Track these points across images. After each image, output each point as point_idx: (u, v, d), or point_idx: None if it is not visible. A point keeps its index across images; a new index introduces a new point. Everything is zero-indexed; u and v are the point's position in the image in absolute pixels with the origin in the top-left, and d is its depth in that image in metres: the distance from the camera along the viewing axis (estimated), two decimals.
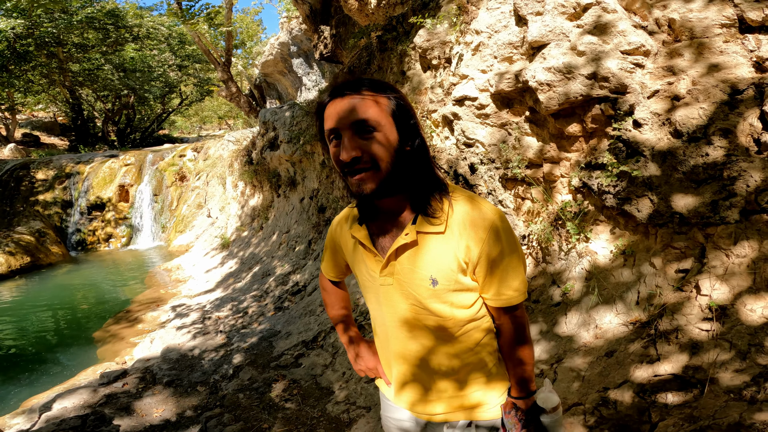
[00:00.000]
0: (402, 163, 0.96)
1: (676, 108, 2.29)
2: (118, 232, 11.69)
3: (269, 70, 15.96)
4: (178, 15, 11.21)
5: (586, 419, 1.94)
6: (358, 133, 0.92)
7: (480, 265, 1.00)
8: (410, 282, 1.02)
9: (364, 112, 0.91)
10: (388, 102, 0.95)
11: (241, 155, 9.81)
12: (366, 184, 0.93)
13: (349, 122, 0.92)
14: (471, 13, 3.19)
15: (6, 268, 9.19)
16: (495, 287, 1.02)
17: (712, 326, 1.90)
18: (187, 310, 6.27)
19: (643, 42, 2.42)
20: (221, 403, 3.34)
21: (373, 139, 0.92)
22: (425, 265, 1.00)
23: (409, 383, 1.13)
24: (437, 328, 1.05)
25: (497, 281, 1.01)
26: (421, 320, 1.05)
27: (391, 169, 0.94)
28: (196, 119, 30.21)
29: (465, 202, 1.01)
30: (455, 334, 1.05)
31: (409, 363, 1.10)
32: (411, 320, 1.05)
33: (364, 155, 0.92)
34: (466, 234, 0.98)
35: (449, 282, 0.99)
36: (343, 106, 0.92)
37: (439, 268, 0.99)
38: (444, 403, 1.11)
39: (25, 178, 11.63)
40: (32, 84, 15.91)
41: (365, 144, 0.92)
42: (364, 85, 0.95)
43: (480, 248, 0.98)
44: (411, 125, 0.98)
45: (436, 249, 0.99)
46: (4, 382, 5.11)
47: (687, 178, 2.20)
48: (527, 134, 3.01)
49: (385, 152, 0.93)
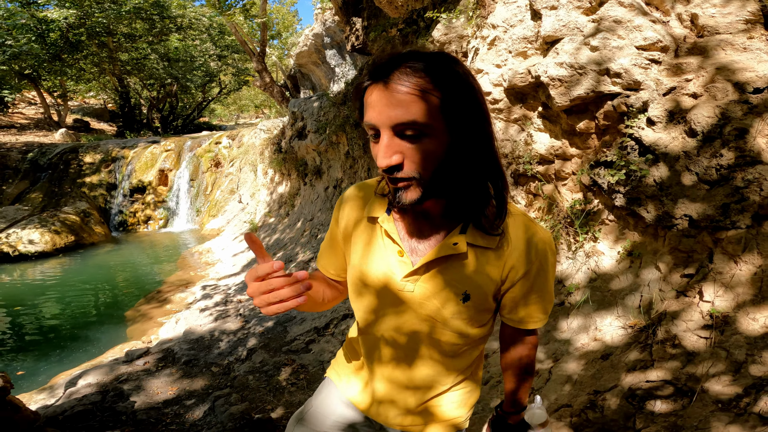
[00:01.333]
0: (454, 171, 0.79)
1: (691, 106, 2.20)
2: (156, 215, 12.31)
3: (303, 61, 16.19)
4: (216, 6, 11.57)
5: (571, 421, 1.93)
6: (400, 135, 0.74)
7: (519, 287, 0.91)
8: (438, 294, 0.89)
9: (408, 112, 0.72)
10: (442, 94, 0.73)
11: (271, 144, 10.07)
12: (406, 194, 0.78)
13: (390, 121, 0.73)
14: (488, 7, 3.15)
15: (51, 246, 9.69)
16: (528, 310, 0.94)
17: (711, 334, 1.84)
18: (213, 292, 6.54)
19: (660, 38, 2.33)
20: (231, 384, 3.47)
21: (418, 145, 0.74)
22: (464, 279, 0.88)
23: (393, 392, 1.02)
24: (446, 344, 0.94)
25: (532, 304, 0.94)
26: (432, 334, 0.93)
27: (435, 180, 0.78)
28: (234, 108, 31.11)
29: (521, 220, 0.90)
30: (460, 350, 0.97)
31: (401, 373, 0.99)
32: (421, 332, 0.93)
33: (405, 163, 0.75)
34: (517, 254, 0.87)
35: (481, 301, 0.90)
36: (385, 98, 0.73)
37: (477, 285, 0.88)
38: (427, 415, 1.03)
39: (74, 161, 12.40)
40: (83, 72, 16.85)
41: (408, 149, 0.75)
42: (416, 69, 0.73)
43: (527, 269, 0.88)
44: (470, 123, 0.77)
45: (482, 265, 0.87)
46: (35, 358, 5.28)
47: (699, 179, 2.11)
48: (540, 130, 2.96)
49: (431, 162, 0.76)
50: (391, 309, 0.93)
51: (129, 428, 2.92)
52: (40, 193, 11.63)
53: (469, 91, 0.76)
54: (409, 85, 0.72)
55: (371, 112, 0.75)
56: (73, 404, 3.26)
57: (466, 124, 0.76)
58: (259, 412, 3.00)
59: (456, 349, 0.96)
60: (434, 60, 0.75)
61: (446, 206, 0.86)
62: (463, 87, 0.75)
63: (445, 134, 0.75)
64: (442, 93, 0.73)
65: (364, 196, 0.98)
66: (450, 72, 0.74)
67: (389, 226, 0.90)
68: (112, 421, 3.02)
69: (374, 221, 0.93)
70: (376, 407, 1.05)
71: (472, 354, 1.00)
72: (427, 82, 0.72)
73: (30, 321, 6.63)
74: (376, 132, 0.76)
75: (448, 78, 0.74)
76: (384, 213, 0.92)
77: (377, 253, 0.93)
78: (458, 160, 0.78)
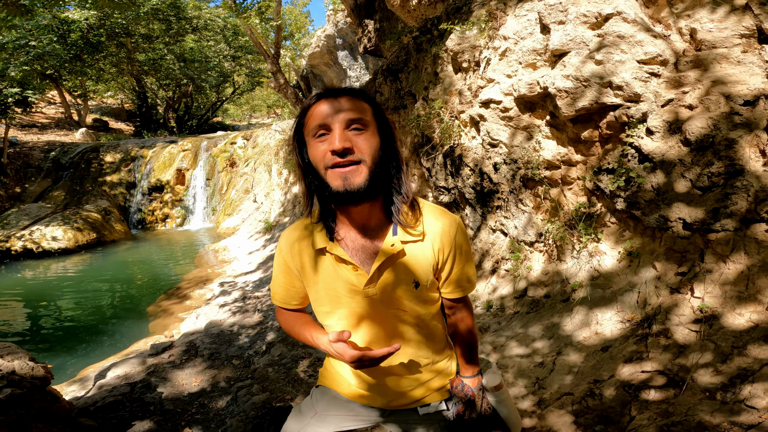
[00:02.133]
0: (381, 167, 1.01)
1: (687, 117, 2.37)
2: (174, 213, 12.66)
3: (316, 62, 16.46)
4: (232, 8, 11.87)
5: (573, 407, 2.11)
6: (348, 129, 0.96)
7: (448, 263, 1.11)
8: (395, 288, 1.08)
9: (357, 111, 0.97)
10: (372, 109, 1.02)
11: (286, 144, 10.32)
12: (355, 177, 0.95)
13: (342, 117, 0.96)
14: (500, 19, 3.33)
15: (73, 243, 10.03)
16: (456, 282, 1.14)
17: (701, 328, 2.01)
18: (230, 288, 6.73)
19: (660, 52, 2.50)
20: (252, 376, 3.63)
21: (362, 135, 0.97)
22: (408, 270, 1.07)
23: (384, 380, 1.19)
24: (415, 326, 1.14)
25: (460, 275, 1.14)
26: (401, 321, 1.13)
27: (375, 167, 0.99)
28: (246, 108, 31.54)
29: (432, 210, 1.11)
30: (428, 328, 1.16)
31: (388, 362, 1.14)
32: (392, 324, 1.13)
33: (354, 149, 0.95)
34: (439, 238, 1.08)
35: (427, 282, 1.10)
36: (336, 104, 0.97)
37: (420, 271, 1.08)
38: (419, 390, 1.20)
39: (95, 160, 12.80)
40: (103, 72, 17.30)
41: (355, 139, 0.96)
42: (352, 93, 1.02)
43: (450, 248, 1.10)
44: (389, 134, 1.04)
45: (417, 255, 1.07)
46: (62, 352, 5.44)
47: (693, 185, 2.28)
48: (547, 137, 3.14)
49: (372, 150, 0.98)
50: (363, 312, 1.10)
51: (157, 417, 3.08)
52: (62, 191, 12.02)
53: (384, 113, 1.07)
54: (353, 97, 1.00)
55: (321, 115, 0.97)
56: (103, 395, 3.40)
57: (387, 132, 1.03)
58: (279, 401, 3.15)
59: (425, 328, 1.15)
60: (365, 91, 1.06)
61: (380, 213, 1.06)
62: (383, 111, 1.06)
63: (377, 135, 1.00)
64: (373, 107, 1.03)
65: (300, 235, 1.14)
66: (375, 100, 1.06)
67: (338, 251, 1.06)
68: (141, 411, 3.18)
69: (323, 252, 1.09)
70: (374, 395, 1.21)
71: (438, 327, 1.19)
72: (364, 99, 1.02)
73: (55, 316, 6.87)
74: (327, 128, 0.96)
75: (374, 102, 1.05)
76: (329, 242, 1.07)
77: (336, 275, 1.08)
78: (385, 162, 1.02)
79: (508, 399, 1.21)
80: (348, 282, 1.07)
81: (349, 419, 1.26)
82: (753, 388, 1.68)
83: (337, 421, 1.25)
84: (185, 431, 2.92)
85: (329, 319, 1.16)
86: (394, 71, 5.19)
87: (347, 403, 1.25)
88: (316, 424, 1.25)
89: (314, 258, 1.11)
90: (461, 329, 1.22)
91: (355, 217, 1.05)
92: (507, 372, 2.61)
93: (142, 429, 2.95)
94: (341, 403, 1.26)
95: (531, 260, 3.29)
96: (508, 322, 3.07)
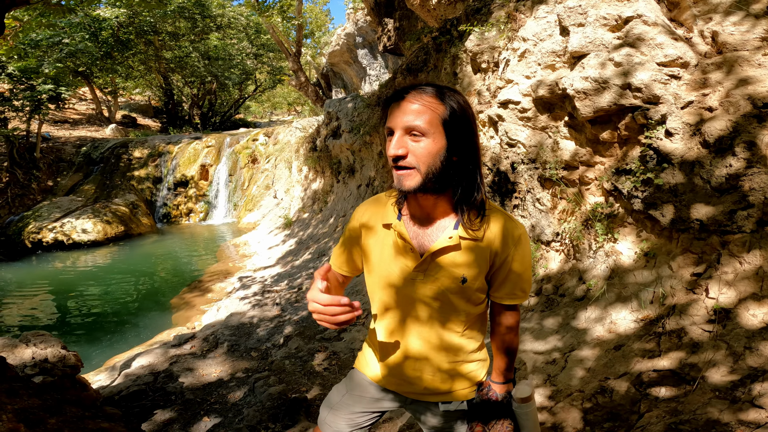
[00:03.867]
0: (446, 169, 1.04)
1: (707, 119, 2.38)
2: (197, 208, 13.02)
3: (335, 60, 16.61)
4: (255, 6, 12.11)
5: (582, 404, 2.17)
6: (408, 134, 1.02)
7: (503, 269, 1.14)
8: (442, 279, 1.12)
9: (416, 119, 1.00)
10: (443, 111, 1.01)
11: (306, 142, 10.49)
12: (406, 180, 1.02)
13: (402, 124, 1.01)
14: (519, 21, 3.37)
15: (102, 236, 10.40)
16: (510, 288, 1.16)
17: (714, 327, 2.04)
18: (250, 282, 6.90)
19: (680, 54, 2.51)
20: (269, 368, 3.71)
21: (419, 143, 1.01)
22: (460, 265, 1.11)
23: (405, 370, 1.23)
24: (452, 320, 1.17)
25: (512, 284, 1.16)
26: (442, 311, 1.16)
27: (431, 173, 1.03)
28: (267, 105, 32.01)
29: (498, 215, 1.14)
30: (464, 325, 1.19)
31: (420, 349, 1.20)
32: (429, 313, 1.17)
33: (408, 156, 1.01)
34: (499, 243, 1.11)
35: (475, 281, 1.12)
36: (402, 109, 1.01)
37: (470, 269, 1.11)
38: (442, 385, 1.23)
39: (124, 156, 13.25)
40: (132, 70, 17.85)
41: (411, 146, 1.01)
42: (426, 92, 1.02)
43: (508, 255, 1.12)
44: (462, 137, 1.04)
45: (472, 253, 1.11)
46: (89, 341, 5.64)
47: (711, 186, 2.30)
48: (565, 138, 3.17)
49: (428, 157, 1.01)
50: (409, 293, 1.15)
51: (178, 407, 3.18)
52: (92, 185, 12.49)
53: (463, 113, 1.04)
54: (418, 100, 1.01)
55: (390, 119, 1.04)
56: (128, 384, 3.53)
57: (459, 135, 1.03)
58: (295, 393, 3.23)
59: (464, 323, 1.18)
60: (445, 88, 1.05)
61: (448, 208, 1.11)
62: (459, 108, 1.03)
63: (442, 140, 1.02)
64: (444, 110, 1.01)
65: (376, 208, 1.23)
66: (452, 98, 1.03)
67: (401, 229, 1.14)
68: (163, 400, 3.29)
69: (389, 227, 1.17)
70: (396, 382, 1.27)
71: (477, 327, 1.21)
72: (436, 100, 1.02)
73: (83, 306, 7.14)
74: (391, 132, 1.04)
75: (452, 100, 1.03)
76: (396, 219, 1.16)
77: (394, 251, 1.16)
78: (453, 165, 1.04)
79: (533, 413, 1.20)
80: (402, 261, 1.15)
81: (371, 403, 1.33)
82: (763, 387, 1.71)
83: (361, 402, 1.34)
84: (204, 420, 3.02)
85: (376, 294, 1.23)
86: (413, 70, 5.27)
87: (370, 385, 1.33)
88: (345, 402, 1.36)
89: (379, 231, 1.19)
90: (504, 336, 1.24)
91: (422, 204, 1.12)
92: (520, 368, 2.67)
93: (163, 418, 3.05)
94: (365, 385, 1.34)
95: (547, 259, 3.33)
96: (524, 318, 3.13)
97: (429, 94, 1.02)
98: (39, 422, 1.77)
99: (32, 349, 2.79)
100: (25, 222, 10.64)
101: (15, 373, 2.09)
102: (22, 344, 2.84)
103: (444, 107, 1.01)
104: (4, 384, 1.91)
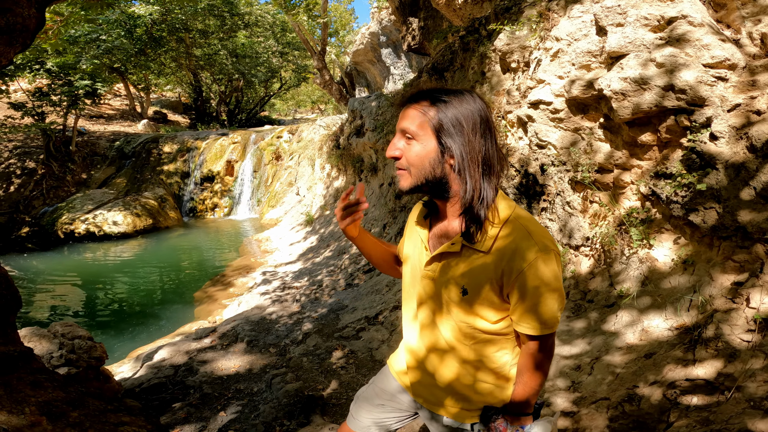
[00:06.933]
0: (443, 174, 1.05)
1: (754, 122, 2.27)
2: (222, 203, 13.28)
3: (359, 59, 16.64)
4: (281, 5, 12.26)
5: (608, 412, 2.10)
6: (404, 138, 1.06)
7: (514, 292, 1.04)
8: (444, 281, 1.11)
9: (409, 123, 1.04)
10: (433, 116, 1.02)
11: (330, 140, 10.55)
12: (400, 180, 1.08)
13: (399, 128, 1.07)
14: (552, 20, 3.29)
15: (132, 228, 10.71)
16: (518, 314, 1.06)
17: (753, 337, 1.95)
18: (271, 278, 6.98)
19: (728, 56, 2.40)
20: (287, 364, 3.70)
21: (410, 146, 1.05)
22: (461, 274, 1.07)
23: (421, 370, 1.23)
24: (458, 330, 1.13)
25: (521, 311, 1.05)
26: (444, 319, 1.15)
27: (423, 176, 1.05)
28: (292, 103, 32.38)
29: (515, 230, 1.03)
30: (473, 340, 1.12)
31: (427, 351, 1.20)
32: (435, 316, 1.16)
33: (402, 158, 1.06)
34: (506, 261, 1.02)
35: (477, 295, 1.06)
36: (403, 112, 1.07)
37: (472, 280, 1.06)
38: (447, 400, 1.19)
39: (154, 150, 13.63)
40: (164, 67, 18.35)
41: (405, 148, 1.06)
42: (424, 97, 1.04)
43: (516, 278, 1.01)
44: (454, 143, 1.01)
45: (475, 264, 1.05)
46: (112, 333, 5.75)
47: (756, 193, 2.19)
48: (600, 140, 3.08)
49: (417, 160, 1.04)
50: (423, 296, 1.19)
51: (196, 400, 3.20)
52: (124, 178, 12.88)
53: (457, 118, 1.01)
54: (416, 106, 1.04)
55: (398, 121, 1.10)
56: (149, 377, 3.56)
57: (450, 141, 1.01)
58: (311, 391, 3.21)
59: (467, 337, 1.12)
60: (443, 92, 1.04)
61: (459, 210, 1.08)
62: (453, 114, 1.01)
63: (432, 143, 1.02)
64: (437, 114, 1.01)
65: (421, 206, 1.27)
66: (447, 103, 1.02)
67: (422, 231, 1.20)
68: (182, 393, 3.31)
69: (419, 224, 1.24)
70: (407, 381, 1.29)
71: (488, 347, 1.13)
72: (426, 104, 1.03)
73: (109, 298, 7.32)
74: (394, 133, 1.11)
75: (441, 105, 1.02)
76: (423, 220, 1.22)
77: (416, 247, 1.22)
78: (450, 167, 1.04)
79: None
80: (419, 259, 1.20)
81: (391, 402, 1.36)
82: None
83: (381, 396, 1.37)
84: (221, 415, 3.02)
85: (403, 292, 1.30)
86: (439, 70, 5.22)
87: (393, 381, 1.36)
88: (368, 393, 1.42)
89: (414, 228, 1.25)
90: (523, 364, 1.13)
91: (440, 207, 1.15)
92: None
93: (181, 411, 3.06)
94: (389, 381, 1.38)
95: (576, 264, 3.25)
96: None
97: (425, 99, 1.04)
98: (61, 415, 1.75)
99: (59, 340, 2.83)
100: (59, 213, 11.03)
101: (41, 365, 2.10)
102: (50, 334, 2.87)
103: (434, 112, 1.01)
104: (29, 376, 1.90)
